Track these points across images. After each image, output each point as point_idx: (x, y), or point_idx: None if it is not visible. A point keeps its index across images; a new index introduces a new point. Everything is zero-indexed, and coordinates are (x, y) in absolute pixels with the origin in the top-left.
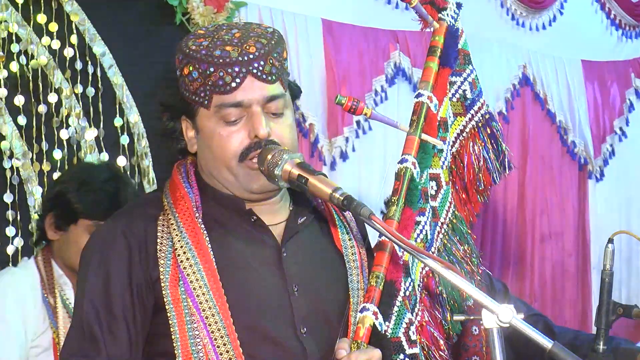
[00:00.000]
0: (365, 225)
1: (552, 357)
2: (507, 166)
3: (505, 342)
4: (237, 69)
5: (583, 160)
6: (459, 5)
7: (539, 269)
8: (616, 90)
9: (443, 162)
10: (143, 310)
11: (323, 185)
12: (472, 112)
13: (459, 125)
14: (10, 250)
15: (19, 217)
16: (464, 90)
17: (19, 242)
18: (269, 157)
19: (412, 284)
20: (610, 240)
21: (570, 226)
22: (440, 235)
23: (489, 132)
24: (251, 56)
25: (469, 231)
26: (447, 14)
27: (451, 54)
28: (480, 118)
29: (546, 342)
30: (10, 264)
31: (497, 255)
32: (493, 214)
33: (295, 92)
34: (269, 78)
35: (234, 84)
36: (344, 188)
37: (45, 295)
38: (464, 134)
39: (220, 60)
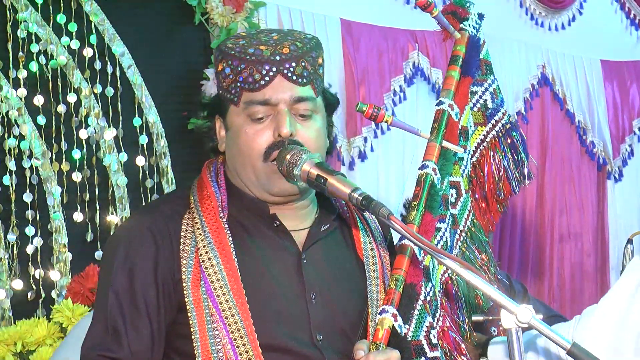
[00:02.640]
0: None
1: (571, 356)
2: (527, 176)
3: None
4: (267, 67)
5: (602, 160)
6: (480, 16)
7: (558, 269)
8: (635, 90)
9: (463, 171)
10: (169, 307)
11: (342, 185)
12: (492, 121)
13: (479, 134)
14: (30, 249)
15: (38, 217)
16: (485, 100)
17: (38, 241)
18: (288, 157)
19: (432, 289)
20: (630, 241)
21: (589, 226)
22: (459, 243)
23: (509, 141)
24: (283, 56)
25: (487, 240)
26: (469, 24)
27: (473, 64)
28: (501, 128)
29: (565, 342)
30: (30, 263)
31: (515, 256)
32: (512, 214)
33: (331, 102)
34: (300, 80)
35: (263, 82)
36: (362, 188)
37: None
38: (485, 144)
39: (252, 58)
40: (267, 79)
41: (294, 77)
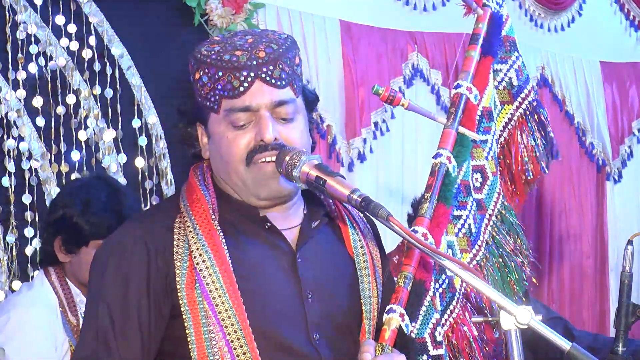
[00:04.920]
0: (379, 225)
1: (570, 358)
2: (556, 155)
3: (525, 347)
4: (245, 73)
5: (601, 161)
6: None
7: (557, 270)
8: (635, 91)
9: (488, 153)
10: (159, 317)
11: (341, 186)
12: (519, 99)
13: (506, 113)
14: (29, 251)
15: (37, 218)
16: (510, 78)
17: (37, 242)
18: (287, 158)
19: (444, 282)
20: (630, 242)
21: (589, 228)
22: (489, 228)
23: (537, 119)
24: (260, 61)
25: (518, 222)
26: (493, 0)
27: (494, 42)
28: (528, 105)
29: (564, 344)
30: (29, 265)
31: None
32: None
33: (310, 99)
34: (278, 83)
35: (242, 88)
36: (361, 189)
37: (65, 314)
38: (512, 123)
39: (229, 65)
40: (245, 84)
41: (273, 81)
